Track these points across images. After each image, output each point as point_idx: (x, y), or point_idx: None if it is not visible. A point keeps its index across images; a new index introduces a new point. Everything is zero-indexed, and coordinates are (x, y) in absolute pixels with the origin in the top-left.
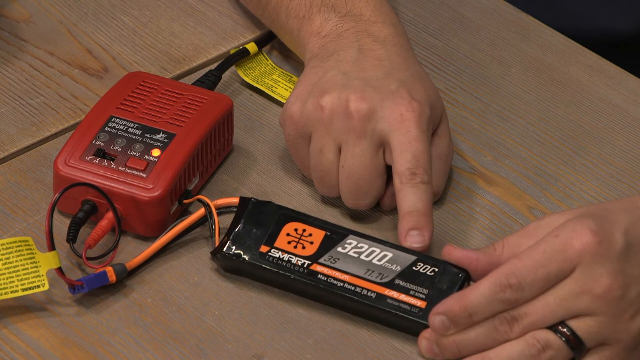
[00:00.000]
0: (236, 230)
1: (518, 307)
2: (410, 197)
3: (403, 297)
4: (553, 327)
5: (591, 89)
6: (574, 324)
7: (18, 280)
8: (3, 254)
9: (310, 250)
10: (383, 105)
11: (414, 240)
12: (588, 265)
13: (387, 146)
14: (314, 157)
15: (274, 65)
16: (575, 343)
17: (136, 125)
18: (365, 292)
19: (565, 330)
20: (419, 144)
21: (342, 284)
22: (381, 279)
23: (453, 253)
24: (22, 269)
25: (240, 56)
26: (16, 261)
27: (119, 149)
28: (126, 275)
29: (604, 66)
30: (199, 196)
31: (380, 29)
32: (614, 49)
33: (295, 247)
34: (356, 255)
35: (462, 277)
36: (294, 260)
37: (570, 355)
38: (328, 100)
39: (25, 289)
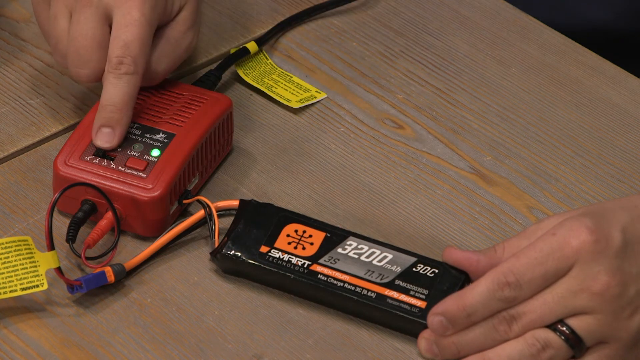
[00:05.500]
0: (236, 230)
1: (516, 306)
2: (109, 89)
3: (403, 297)
4: (552, 326)
5: (591, 89)
6: (573, 322)
7: (17, 279)
8: (2, 254)
9: (311, 251)
10: None
11: (104, 138)
12: (586, 263)
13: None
14: (50, 23)
15: (273, 64)
16: (574, 341)
17: (136, 125)
18: (365, 292)
19: (564, 329)
20: (135, 30)
21: (342, 284)
22: (381, 279)
23: (453, 254)
24: (21, 269)
25: (240, 55)
26: (15, 261)
27: (119, 149)
28: (125, 276)
29: (604, 66)
30: (199, 197)
31: None
32: (597, 40)
33: (295, 247)
34: (356, 256)
35: (462, 279)
36: (294, 260)
37: (570, 354)
38: None
39: (24, 289)
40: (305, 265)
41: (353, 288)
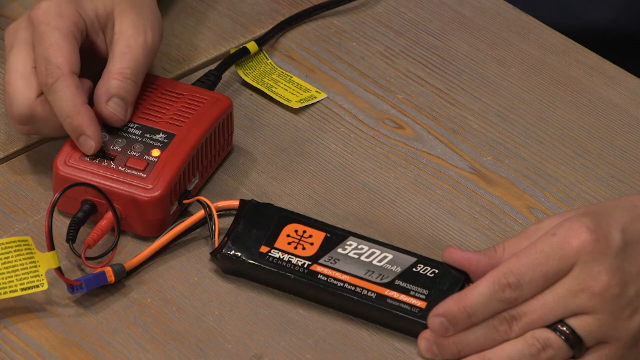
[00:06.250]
0: (236, 230)
1: (517, 307)
2: (55, 104)
3: (403, 297)
4: (552, 326)
5: (591, 89)
6: (573, 322)
7: (17, 279)
8: (2, 254)
9: (311, 251)
10: None
11: (84, 147)
12: (586, 263)
13: None
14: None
15: (274, 64)
16: (574, 341)
17: (136, 125)
18: (365, 292)
19: (564, 329)
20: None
21: (342, 284)
22: (381, 279)
23: (453, 254)
24: (21, 269)
25: (240, 55)
26: (15, 261)
27: (119, 149)
28: (125, 276)
29: (604, 66)
30: (199, 197)
31: None
32: (597, 40)
33: (295, 247)
34: (356, 257)
35: (462, 279)
36: (294, 260)
37: (570, 354)
38: None
39: (24, 289)
40: (305, 265)
41: (353, 288)
